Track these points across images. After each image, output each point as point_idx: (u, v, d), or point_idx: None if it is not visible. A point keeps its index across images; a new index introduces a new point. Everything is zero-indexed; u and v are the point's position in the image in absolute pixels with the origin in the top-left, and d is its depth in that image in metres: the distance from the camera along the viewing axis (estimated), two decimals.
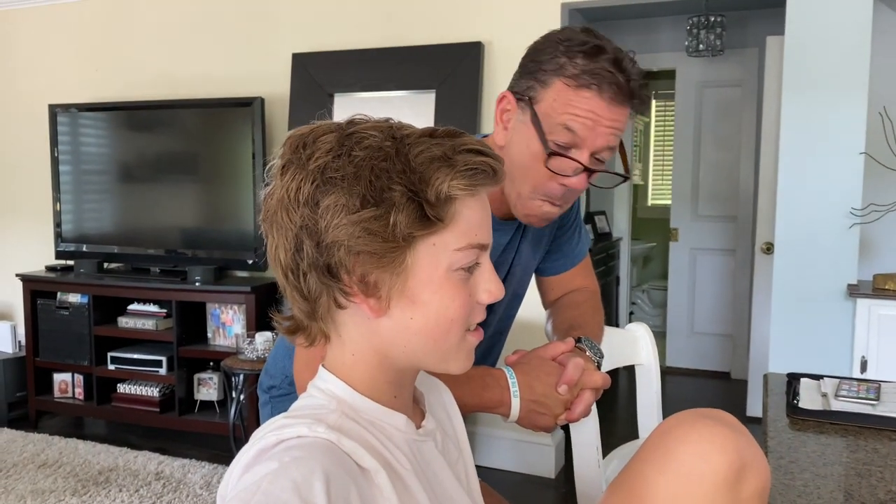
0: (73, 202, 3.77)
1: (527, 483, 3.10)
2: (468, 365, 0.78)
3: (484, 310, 0.77)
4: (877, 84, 2.76)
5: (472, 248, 0.73)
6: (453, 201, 0.70)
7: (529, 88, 1.09)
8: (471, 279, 0.75)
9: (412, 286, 0.71)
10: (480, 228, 0.74)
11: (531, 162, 1.09)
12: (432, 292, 0.72)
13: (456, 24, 3.16)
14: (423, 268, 0.71)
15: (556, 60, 1.06)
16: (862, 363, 2.49)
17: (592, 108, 1.04)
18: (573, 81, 1.04)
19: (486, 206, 0.75)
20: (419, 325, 0.72)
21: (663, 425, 0.82)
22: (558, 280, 1.41)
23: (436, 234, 0.70)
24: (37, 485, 2.95)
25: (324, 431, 0.67)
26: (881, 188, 2.68)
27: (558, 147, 1.07)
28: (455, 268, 0.72)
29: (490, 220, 0.76)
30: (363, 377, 0.75)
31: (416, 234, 0.69)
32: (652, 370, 1.52)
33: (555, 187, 1.10)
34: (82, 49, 3.95)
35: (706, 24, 4.10)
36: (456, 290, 0.73)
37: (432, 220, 0.69)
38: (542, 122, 1.07)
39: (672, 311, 4.89)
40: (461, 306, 0.73)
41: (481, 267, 0.75)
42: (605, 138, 1.06)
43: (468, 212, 0.72)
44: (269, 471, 0.61)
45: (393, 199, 0.68)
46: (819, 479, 1.05)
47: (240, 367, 2.94)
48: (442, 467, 0.80)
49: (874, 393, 1.37)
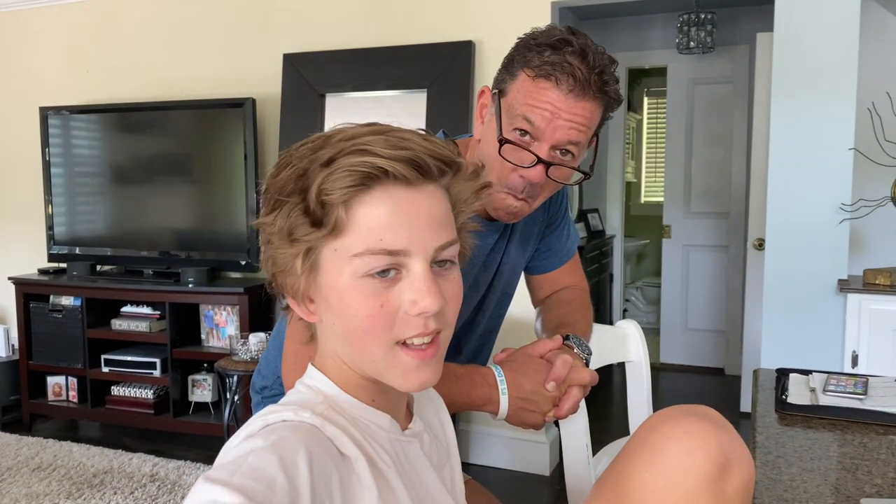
0: (65, 205, 3.77)
1: (521, 481, 3.11)
2: (411, 384, 0.71)
3: (421, 324, 0.69)
4: (866, 80, 2.77)
5: (373, 255, 0.67)
6: (334, 206, 0.67)
7: (501, 81, 1.11)
8: (394, 287, 0.69)
9: (325, 292, 0.71)
10: (389, 232, 0.67)
11: (493, 152, 1.09)
12: (339, 299, 0.69)
13: (447, 24, 3.16)
14: (329, 273, 0.70)
15: (526, 54, 1.07)
16: (853, 358, 2.50)
17: (550, 99, 1.04)
18: (533, 72, 1.05)
19: (407, 207, 0.68)
20: (340, 332, 0.72)
21: (649, 422, 0.82)
22: (547, 278, 1.41)
23: (334, 239, 0.68)
24: (31, 488, 2.95)
25: (308, 417, 0.68)
26: (870, 184, 2.69)
27: (518, 137, 1.07)
28: (360, 275, 0.68)
29: (425, 221, 0.69)
30: (343, 377, 0.76)
31: (301, 238, 0.69)
32: (642, 367, 1.52)
33: (515, 179, 1.09)
34: (73, 51, 3.94)
35: (697, 22, 4.11)
36: (362, 299, 0.68)
37: (318, 226, 0.68)
38: (503, 112, 1.08)
39: (665, 308, 4.90)
40: (368, 316, 0.68)
41: (409, 272, 0.69)
42: (566, 132, 1.06)
43: (369, 216, 0.67)
44: (255, 447, 0.61)
45: (284, 205, 0.69)
46: (806, 473, 1.06)
47: (234, 369, 2.94)
48: (426, 469, 0.80)
49: (862, 387, 1.38)
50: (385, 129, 0.71)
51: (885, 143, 2.50)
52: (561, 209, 1.38)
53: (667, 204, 4.85)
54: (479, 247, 1.20)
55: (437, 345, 0.72)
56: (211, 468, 0.63)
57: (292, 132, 3.32)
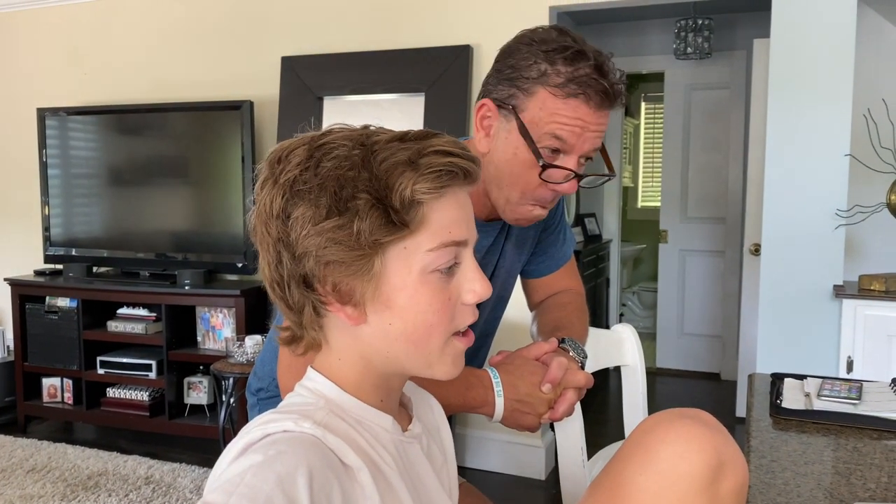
0: (61, 206, 3.76)
1: (517, 484, 3.10)
2: (455, 371, 0.76)
3: (472, 312, 0.75)
4: (862, 86, 2.79)
5: (445, 248, 0.71)
6: (420, 205, 0.69)
7: (511, 97, 1.08)
8: (452, 281, 0.73)
9: (387, 292, 0.71)
10: (455, 226, 0.72)
11: (521, 170, 1.09)
12: (408, 297, 0.71)
13: (445, 28, 3.17)
14: (396, 272, 0.71)
15: (536, 67, 1.05)
16: (848, 363, 2.51)
17: (580, 115, 1.05)
18: (560, 91, 1.04)
19: (464, 203, 0.74)
20: (398, 331, 0.72)
21: (643, 425, 0.83)
22: (543, 282, 1.42)
23: (406, 238, 0.70)
24: (25, 490, 2.94)
25: (309, 427, 0.67)
26: (866, 190, 2.70)
27: (548, 155, 1.07)
28: (430, 270, 0.71)
29: (472, 216, 0.75)
30: (350, 379, 0.76)
31: (382, 240, 0.69)
32: (638, 371, 1.53)
33: (545, 193, 1.11)
34: (71, 52, 3.94)
35: (694, 27, 4.13)
36: (433, 293, 0.72)
37: (399, 226, 0.69)
38: (529, 130, 1.07)
39: (662, 313, 4.91)
40: (439, 310, 0.72)
41: (463, 266, 0.74)
42: (592, 142, 1.08)
43: (439, 212, 0.71)
44: (253, 463, 0.61)
45: (357, 208, 0.68)
46: (800, 477, 1.06)
47: (230, 371, 2.94)
48: (426, 471, 0.81)
49: (856, 392, 1.38)
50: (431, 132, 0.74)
51: (880, 149, 2.51)
52: (557, 213, 1.38)
53: (663, 209, 4.86)
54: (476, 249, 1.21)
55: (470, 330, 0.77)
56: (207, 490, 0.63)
57: (290, 135, 3.24)
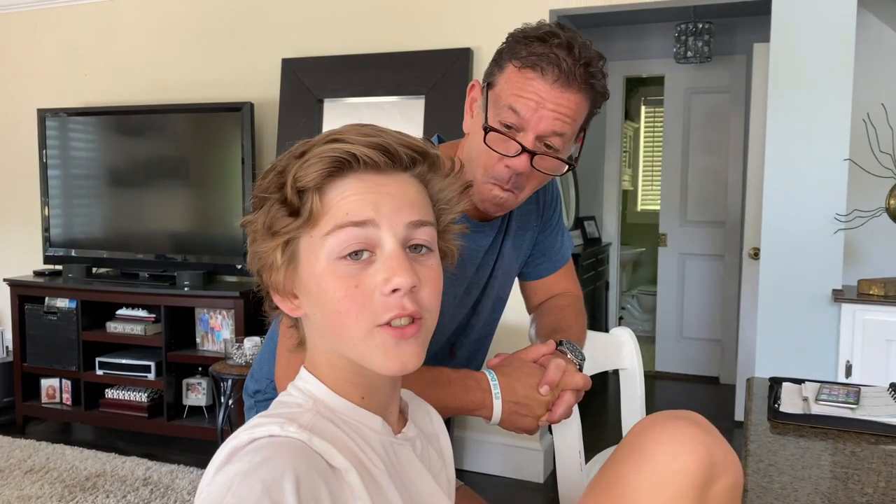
0: (61, 207, 3.76)
1: (515, 488, 3.10)
2: (392, 364, 0.72)
3: (397, 303, 0.70)
4: (861, 91, 2.79)
5: (340, 229, 0.70)
6: (310, 193, 0.71)
7: (490, 74, 1.13)
8: (368, 269, 0.71)
9: (305, 282, 0.74)
10: (354, 206, 0.70)
11: (480, 144, 1.11)
12: (316, 285, 0.72)
13: (445, 31, 3.17)
14: (307, 262, 0.73)
15: (514, 46, 1.09)
16: (847, 368, 2.51)
17: (536, 89, 1.06)
18: (519, 63, 1.07)
19: (375, 188, 0.71)
20: (321, 320, 0.74)
21: (637, 426, 0.85)
22: (541, 284, 1.42)
23: (310, 227, 0.72)
24: (23, 490, 2.94)
25: (295, 431, 0.67)
26: (865, 194, 2.70)
27: (504, 127, 1.09)
28: (334, 257, 0.70)
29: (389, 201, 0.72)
30: (330, 376, 0.77)
31: (281, 230, 0.72)
32: (636, 374, 1.53)
33: (501, 169, 1.10)
34: (72, 53, 3.95)
35: (694, 31, 4.14)
36: (337, 281, 0.70)
37: (295, 216, 0.72)
38: (491, 106, 1.10)
39: (661, 316, 4.91)
40: (345, 297, 0.70)
41: (382, 254, 0.71)
42: (550, 122, 1.07)
43: (336, 199, 0.71)
44: (239, 471, 0.61)
45: (265, 202, 0.73)
46: (797, 481, 1.06)
47: (228, 372, 2.94)
48: (420, 473, 0.80)
49: (854, 397, 1.38)
50: (361, 124, 0.75)
51: (879, 154, 2.51)
52: (555, 215, 1.38)
53: (663, 212, 4.87)
54: (472, 249, 1.21)
55: (418, 326, 0.72)
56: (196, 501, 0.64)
57: (290, 137, 3.32)
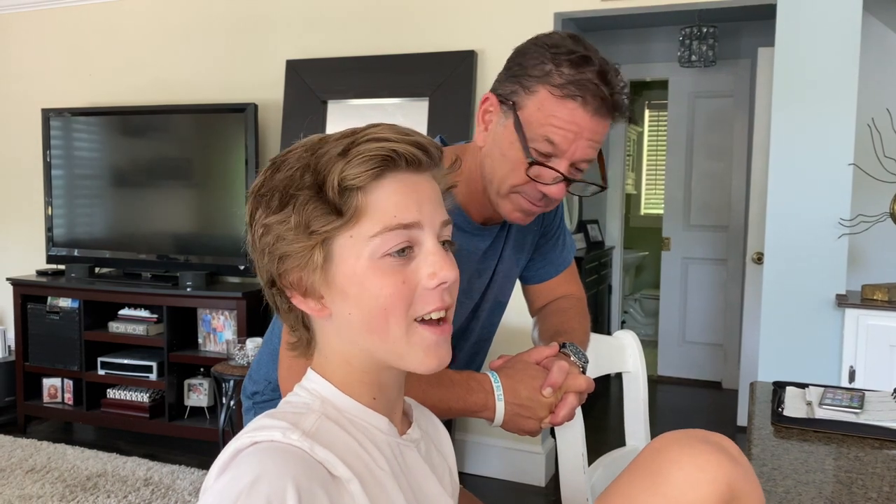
0: (64, 206, 3.77)
1: (517, 491, 3.09)
2: (431, 362, 0.73)
3: (438, 297, 0.72)
4: (866, 95, 2.78)
5: (389, 231, 0.70)
6: (354, 191, 0.70)
7: (513, 93, 1.08)
8: (410, 265, 0.72)
9: (340, 282, 0.72)
10: (401, 209, 0.71)
11: (511, 165, 1.08)
12: (359, 284, 0.71)
13: (449, 33, 3.17)
14: (346, 261, 0.71)
15: (542, 67, 1.05)
16: (850, 373, 2.50)
17: (576, 119, 1.04)
18: (558, 91, 1.03)
19: (414, 187, 0.73)
20: (358, 321, 0.72)
21: (657, 443, 0.80)
22: (544, 287, 1.41)
23: (351, 227, 0.71)
24: (24, 490, 2.94)
25: (297, 439, 0.66)
26: (869, 199, 2.69)
27: (539, 155, 1.07)
28: (379, 255, 0.71)
29: (429, 200, 0.73)
30: (341, 377, 0.76)
31: (319, 230, 0.71)
32: (639, 378, 1.52)
33: (533, 190, 1.10)
34: (76, 54, 3.96)
35: (699, 35, 4.13)
36: (384, 277, 0.70)
37: (336, 215, 0.70)
38: (524, 128, 1.07)
39: (664, 320, 4.90)
40: (391, 294, 0.71)
41: (422, 249, 0.72)
42: (585, 150, 1.06)
43: (381, 198, 0.71)
44: (242, 487, 0.61)
45: (296, 202, 0.71)
46: (801, 486, 1.06)
47: (230, 373, 2.94)
48: (426, 475, 0.80)
49: (858, 401, 1.37)
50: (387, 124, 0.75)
51: (884, 158, 2.50)
52: (556, 219, 1.37)
53: (666, 216, 4.86)
54: (472, 251, 1.20)
55: (448, 322, 0.75)
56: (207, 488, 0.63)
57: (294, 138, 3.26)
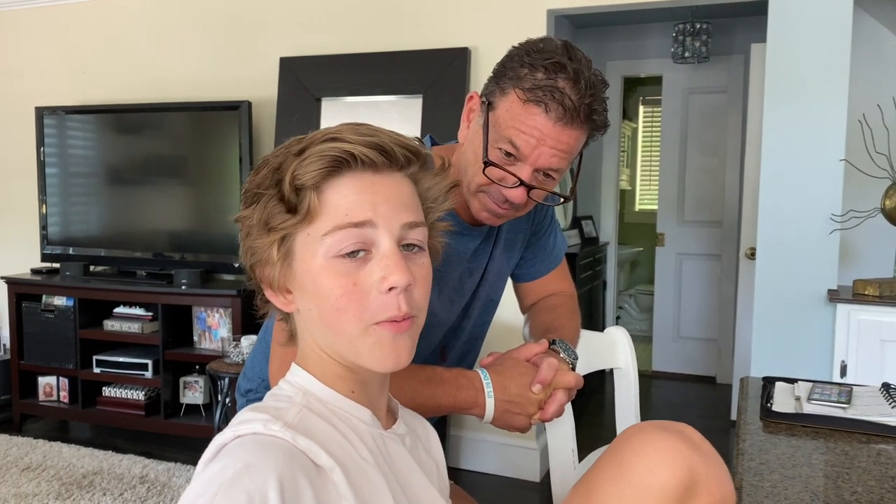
0: (59, 205, 3.76)
1: (511, 486, 3.11)
2: (387, 362, 0.73)
3: (394, 302, 0.71)
4: (857, 91, 2.80)
5: (340, 230, 0.71)
6: (306, 190, 0.71)
7: (491, 93, 1.09)
8: (364, 267, 0.72)
9: (300, 278, 0.74)
10: (354, 208, 0.71)
11: (477, 164, 1.09)
12: (313, 282, 0.73)
13: (443, 30, 3.18)
14: (303, 258, 0.73)
15: (518, 70, 1.05)
16: (842, 367, 2.51)
17: (538, 125, 1.03)
18: (524, 95, 1.03)
19: (372, 188, 0.72)
20: (316, 316, 0.74)
21: (623, 434, 0.83)
22: (535, 285, 1.42)
23: (308, 225, 0.72)
24: (20, 488, 2.94)
25: (278, 430, 0.67)
26: (861, 195, 2.71)
27: (502, 157, 1.07)
28: (331, 255, 0.71)
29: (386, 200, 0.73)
30: (320, 369, 0.77)
31: (277, 227, 0.73)
32: (630, 374, 1.54)
33: (497, 192, 1.10)
34: (70, 51, 3.95)
35: (692, 32, 4.14)
36: (335, 278, 0.71)
37: (292, 213, 0.72)
38: (491, 129, 1.07)
39: (658, 316, 4.92)
40: (343, 295, 0.71)
41: (378, 251, 0.72)
42: (548, 159, 1.05)
43: (336, 197, 0.72)
44: (223, 479, 0.61)
45: (261, 198, 0.74)
46: (787, 480, 1.07)
47: (225, 371, 2.94)
48: (411, 468, 0.81)
49: (846, 396, 1.39)
50: (357, 123, 0.76)
51: (875, 154, 2.52)
52: (547, 217, 1.38)
53: (660, 212, 4.87)
54: (462, 251, 1.21)
55: (410, 321, 0.74)
56: None
57: (288, 136, 3.27)
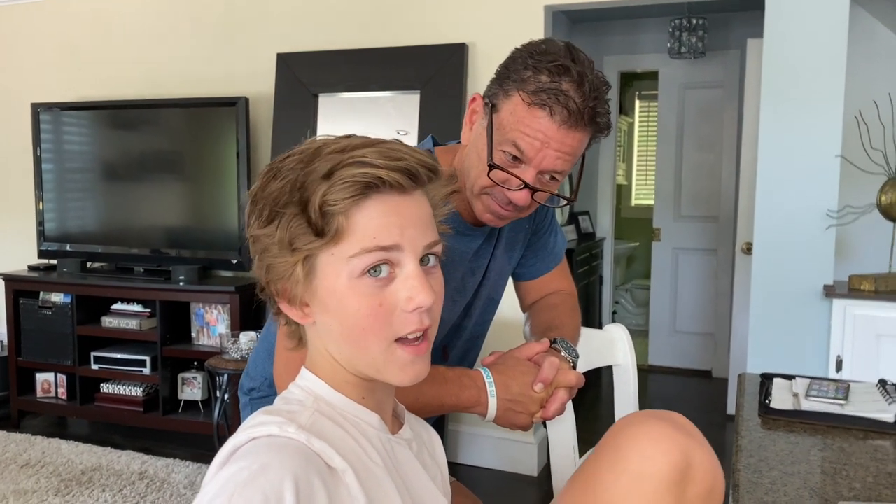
0: (55, 201, 3.76)
1: (509, 481, 3.12)
2: (406, 378, 0.75)
3: (417, 320, 0.73)
4: (853, 87, 2.81)
5: (367, 253, 0.71)
6: (334, 214, 0.71)
7: (494, 95, 1.10)
8: (389, 286, 0.73)
9: (322, 296, 0.74)
10: (381, 232, 0.72)
11: (481, 166, 1.10)
12: (337, 301, 0.73)
13: (440, 26, 3.17)
14: (327, 277, 0.73)
15: (522, 72, 1.06)
16: (837, 362, 2.53)
17: (542, 128, 1.04)
18: (529, 98, 1.04)
19: (398, 210, 0.73)
20: (338, 333, 0.75)
21: (616, 425, 0.85)
22: (535, 284, 1.43)
23: (333, 245, 0.72)
24: (19, 485, 2.95)
25: (294, 432, 0.68)
26: (857, 190, 2.72)
27: (506, 159, 1.07)
28: (357, 275, 0.72)
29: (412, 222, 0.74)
30: (331, 375, 0.78)
31: (302, 247, 0.73)
32: (629, 370, 1.54)
33: (500, 194, 1.10)
34: (66, 47, 3.93)
35: (688, 27, 4.15)
36: (361, 298, 0.72)
37: (318, 234, 0.72)
38: (495, 132, 1.08)
39: (654, 311, 4.93)
40: (368, 315, 0.72)
41: (402, 273, 0.73)
42: (552, 161, 1.06)
43: (361, 220, 0.72)
44: (239, 479, 0.62)
45: (283, 217, 0.73)
46: (786, 476, 1.08)
47: (224, 367, 2.95)
48: (417, 472, 0.82)
49: (843, 393, 1.40)
50: (375, 142, 0.75)
51: (871, 150, 2.53)
52: (547, 216, 1.39)
53: (657, 207, 4.88)
54: (464, 251, 1.22)
55: (427, 339, 0.76)
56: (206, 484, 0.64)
57: (285, 132, 3.33)
